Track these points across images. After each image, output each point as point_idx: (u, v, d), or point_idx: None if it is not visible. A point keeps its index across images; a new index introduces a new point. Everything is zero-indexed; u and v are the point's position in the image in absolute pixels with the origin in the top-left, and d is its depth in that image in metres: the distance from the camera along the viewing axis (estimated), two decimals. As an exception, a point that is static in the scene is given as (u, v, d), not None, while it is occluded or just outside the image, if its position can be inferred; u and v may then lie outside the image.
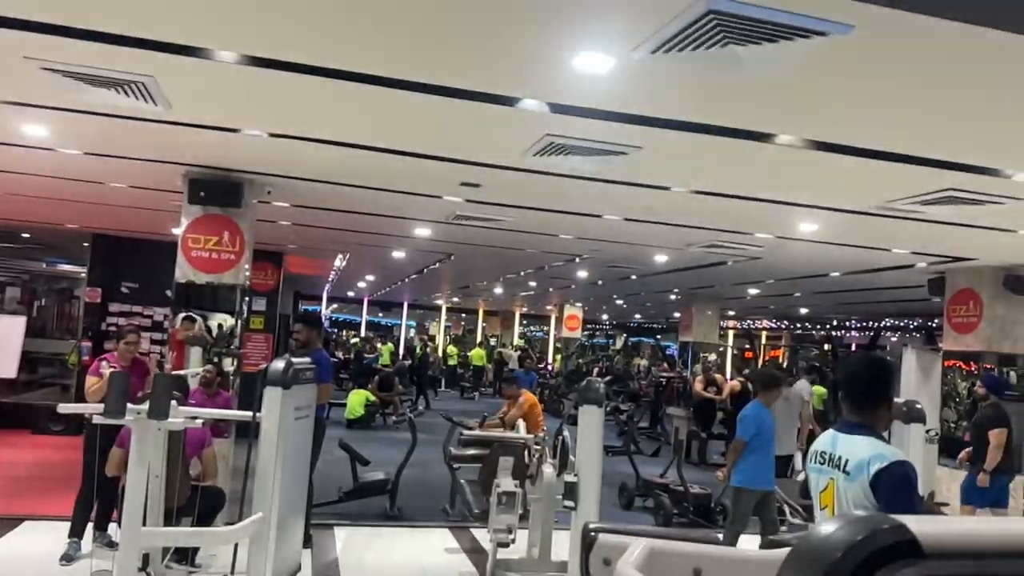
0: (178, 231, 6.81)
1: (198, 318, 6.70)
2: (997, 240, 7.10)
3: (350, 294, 28.33)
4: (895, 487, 2.43)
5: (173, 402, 4.03)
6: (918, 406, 6.35)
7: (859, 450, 2.54)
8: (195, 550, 5.39)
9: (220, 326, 6.76)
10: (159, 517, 4.51)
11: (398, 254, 12.50)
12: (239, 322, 6.85)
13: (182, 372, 6.06)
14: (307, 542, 5.96)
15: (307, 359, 5.25)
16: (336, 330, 36.27)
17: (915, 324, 17.99)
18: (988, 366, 8.86)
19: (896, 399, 6.52)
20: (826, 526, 0.95)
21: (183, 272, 6.66)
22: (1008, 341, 8.86)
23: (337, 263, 15.23)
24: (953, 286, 9.28)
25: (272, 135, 5.28)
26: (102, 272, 11.79)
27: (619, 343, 32.50)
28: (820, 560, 0.89)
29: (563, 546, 5.70)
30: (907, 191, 5.47)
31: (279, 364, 4.76)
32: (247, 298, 7.22)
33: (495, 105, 4.07)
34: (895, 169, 4.80)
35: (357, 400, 14.27)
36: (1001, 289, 8.73)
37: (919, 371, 9.72)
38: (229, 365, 6.72)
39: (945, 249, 8.09)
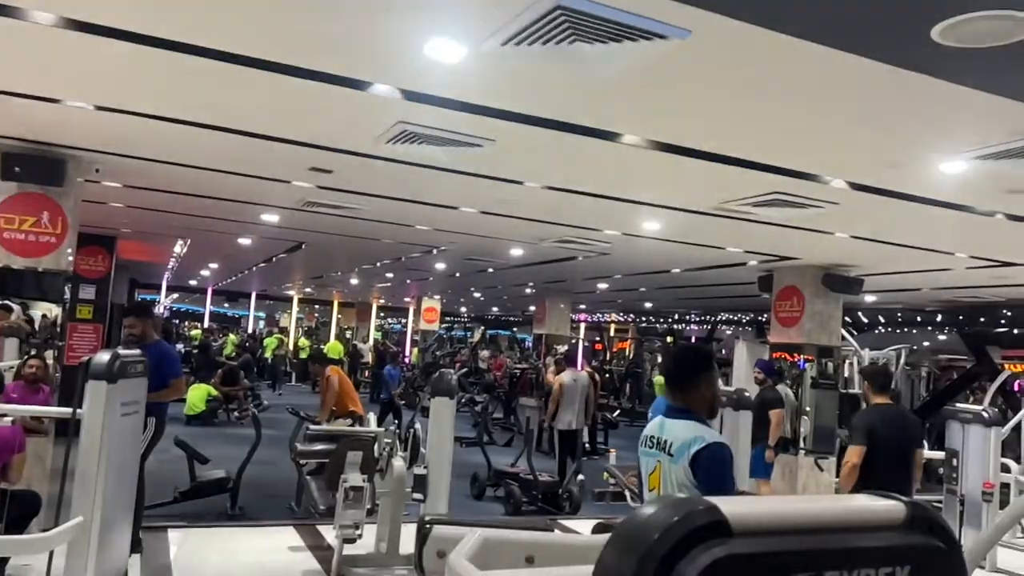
0: (-11, 210, 6.14)
1: (15, 307, 6.09)
2: (817, 241, 7.75)
3: (193, 283, 26.73)
4: (711, 467, 2.58)
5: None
6: (747, 394, 6.81)
7: (681, 433, 2.69)
8: (3, 560, 4.90)
9: (44, 316, 6.18)
10: (-42, 526, 4.05)
11: (244, 241, 11.92)
12: (62, 311, 6.30)
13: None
14: (136, 546, 5.57)
15: (138, 351, 4.89)
16: (178, 321, 34.20)
17: (747, 318, 19.32)
18: (808, 357, 9.68)
19: (727, 388, 6.99)
20: (645, 509, 0.98)
21: (-6, 255, 6.01)
22: (825, 334, 9.72)
23: (177, 249, 14.33)
24: (779, 283, 10.05)
25: (100, 108, 4.86)
26: None
27: (477, 336, 32.75)
28: (638, 542, 0.92)
29: (412, 539, 5.65)
30: (739, 193, 5.84)
31: (104, 356, 4.40)
32: (70, 285, 6.64)
33: (345, 88, 3.94)
34: (729, 172, 5.11)
35: (198, 395, 13.51)
36: (820, 287, 9.56)
37: (749, 362, 10.45)
38: (51, 358, 6.17)
39: (773, 249, 8.73)
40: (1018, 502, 3.77)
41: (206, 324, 30.41)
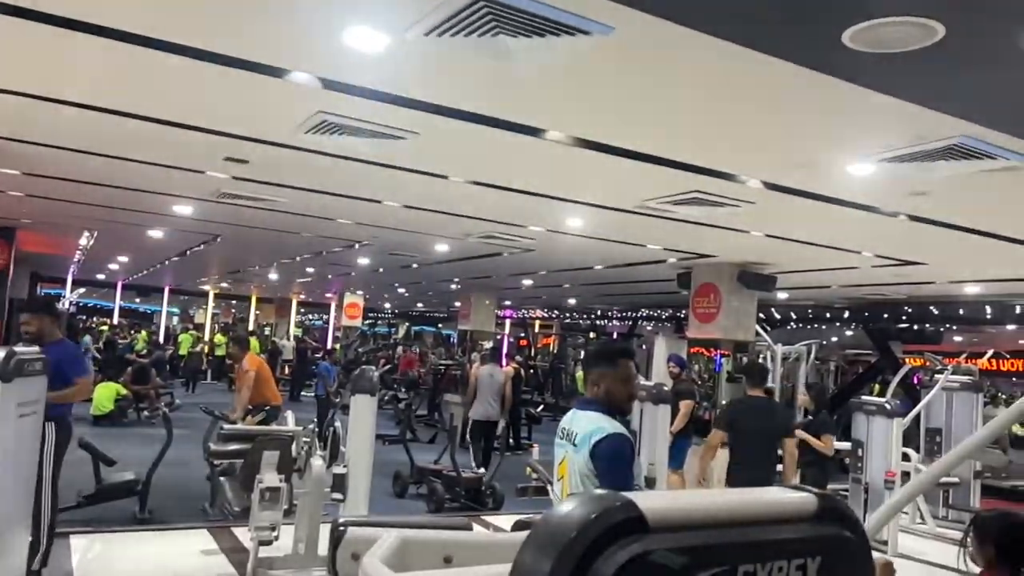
0: None
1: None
2: (734, 239, 7.97)
3: (101, 277, 25.50)
4: (609, 458, 2.67)
5: None
6: (665, 388, 6.94)
7: (586, 424, 2.78)
8: None
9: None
10: None
11: (156, 234, 11.44)
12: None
13: None
14: (35, 554, 5.25)
15: (36, 349, 4.61)
16: (85, 317, 32.67)
17: (667, 314, 19.73)
18: (725, 352, 9.96)
19: (647, 382, 7.11)
20: (563, 506, 0.97)
21: None
22: (741, 330, 10.01)
23: (83, 242, 13.64)
24: (697, 280, 10.30)
25: (-7, 89, 4.56)
26: None
27: (401, 332, 32.44)
28: (556, 539, 0.90)
29: (331, 540, 5.52)
30: (660, 191, 5.94)
31: (-3, 354, 4.14)
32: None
33: (262, 75, 3.81)
34: (650, 170, 5.18)
35: (105, 394, 12.90)
36: (737, 284, 9.84)
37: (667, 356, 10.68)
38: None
39: (692, 246, 8.94)
40: (913, 482, 4.04)
41: (116, 320, 29.11)
